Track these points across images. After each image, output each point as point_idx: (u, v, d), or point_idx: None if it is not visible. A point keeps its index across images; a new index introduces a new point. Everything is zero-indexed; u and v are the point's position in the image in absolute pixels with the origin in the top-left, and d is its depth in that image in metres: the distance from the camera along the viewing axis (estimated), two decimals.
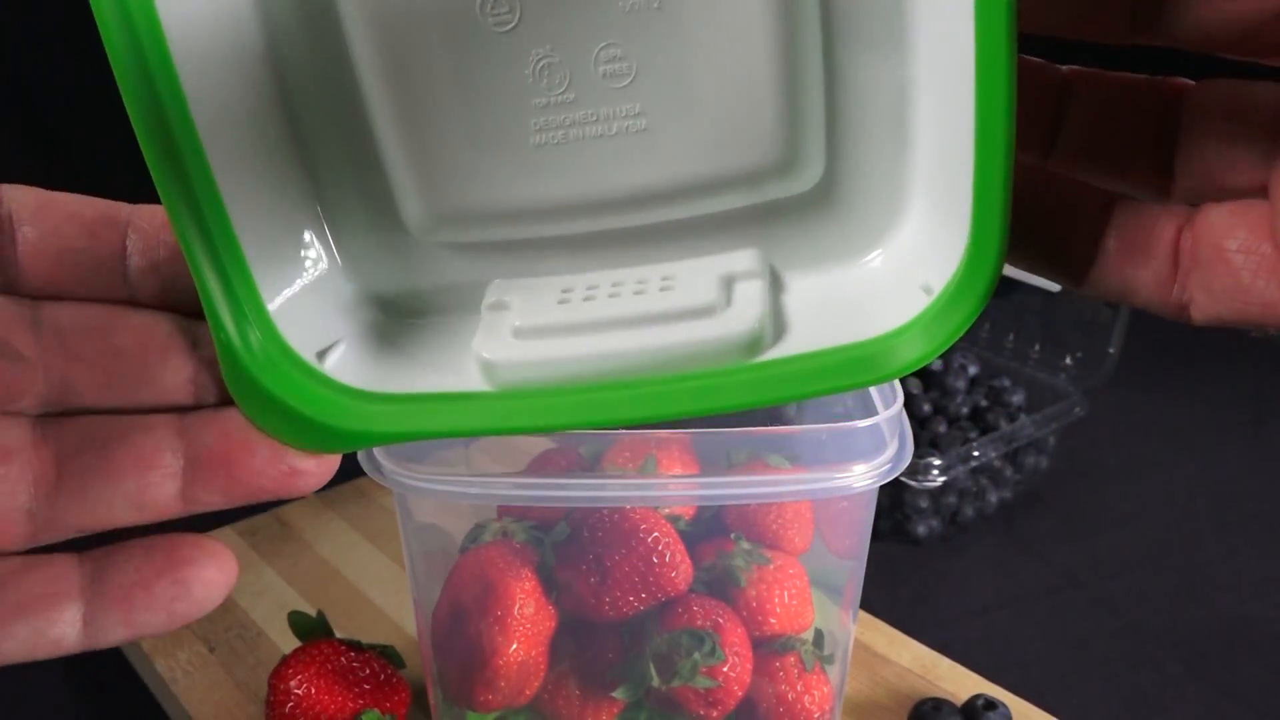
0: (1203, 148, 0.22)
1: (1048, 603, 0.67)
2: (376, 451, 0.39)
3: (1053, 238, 0.22)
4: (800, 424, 0.57)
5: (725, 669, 0.42)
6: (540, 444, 0.45)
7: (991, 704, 0.52)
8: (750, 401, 0.22)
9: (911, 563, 0.70)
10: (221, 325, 0.22)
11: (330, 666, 0.47)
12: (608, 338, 0.23)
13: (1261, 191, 0.21)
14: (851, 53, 0.23)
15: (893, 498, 0.70)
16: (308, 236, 0.25)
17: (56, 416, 0.22)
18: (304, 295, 0.24)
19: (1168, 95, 0.23)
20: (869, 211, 0.24)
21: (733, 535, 0.45)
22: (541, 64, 0.23)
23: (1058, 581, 0.69)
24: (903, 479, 0.66)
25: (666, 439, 0.42)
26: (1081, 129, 0.23)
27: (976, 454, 0.69)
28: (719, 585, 0.44)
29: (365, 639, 0.50)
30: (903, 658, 0.57)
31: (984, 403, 0.76)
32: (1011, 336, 0.82)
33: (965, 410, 0.76)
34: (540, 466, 0.43)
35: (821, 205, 0.24)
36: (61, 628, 0.21)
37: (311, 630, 0.49)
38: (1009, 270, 0.22)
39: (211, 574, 0.22)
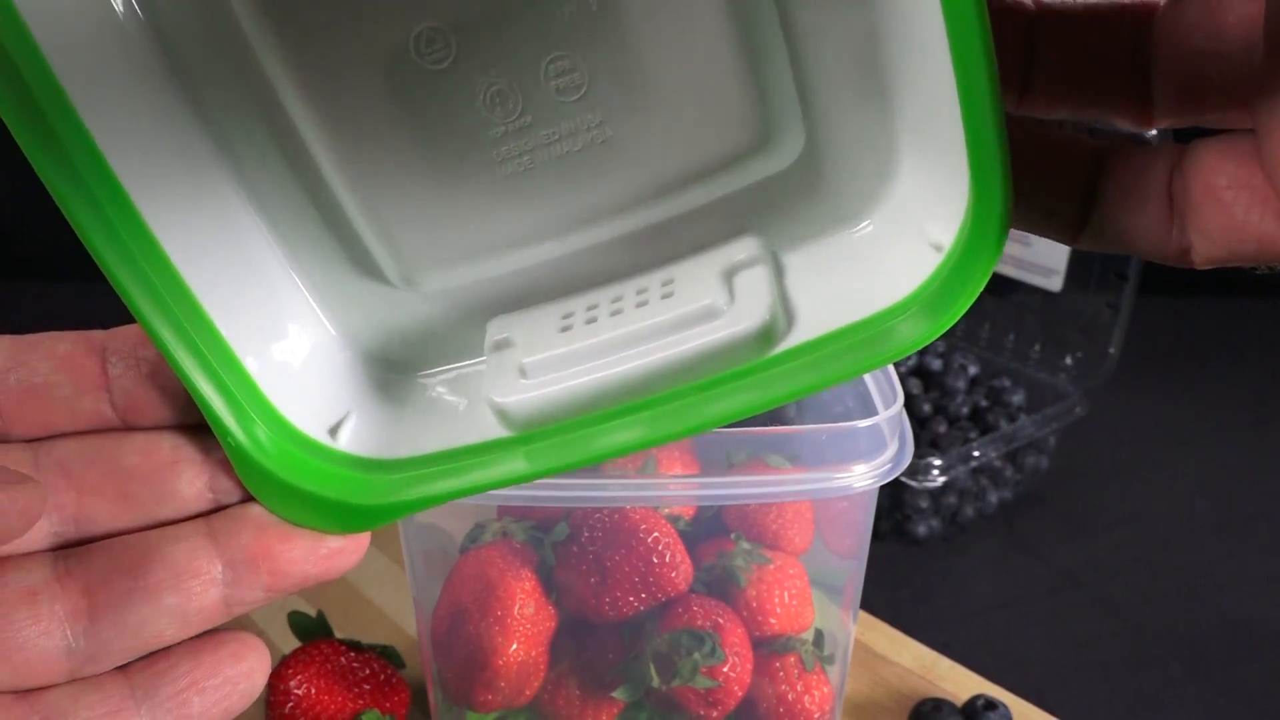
0: (1179, 69, 0.21)
1: (1048, 603, 0.67)
2: None
3: (1044, 192, 0.22)
4: (800, 424, 0.57)
5: (725, 669, 0.42)
6: None
7: (991, 704, 0.52)
8: (774, 399, 0.21)
9: (911, 563, 0.70)
10: (226, 429, 0.21)
11: (330, 666, 0.47)
12: (618, 359, 0.22)
13: (1244, 119, 0.20)
14: (809, 12, 0.21)
15: (893, 498, 0.70)
16: (294, 312, 0.24)
17: (76, 547, 0.22)
18: (303, 374, 0.23)
19: (1140, 17, 0.22)
20: (859, 176, 0.23)
21: (733, 535, 0.45)
22: (491, 92, 0.21)
23: (1058, 581, 0.69)
24: (903, 479, 0.66)
25: None
26: (1054, 63, 0.22)
27: (976, 454, 0.69)
28: (719, 585, 0.44)
29: (365, 639, 0.50)
30: (903, 658, 0.57)
31: (984, 403, 0.76)
32: (1011, 336, 0.82)
33: (965, 410, 0.76)
34: None
35: (810, 178, 0.23)
36: None
37: (311, 630, 0.49)
38: (1008, 270, 0.22)
39: (254, 666, 0.22)
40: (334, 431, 0.23)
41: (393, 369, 0.25)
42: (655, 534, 0.42)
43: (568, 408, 0.22)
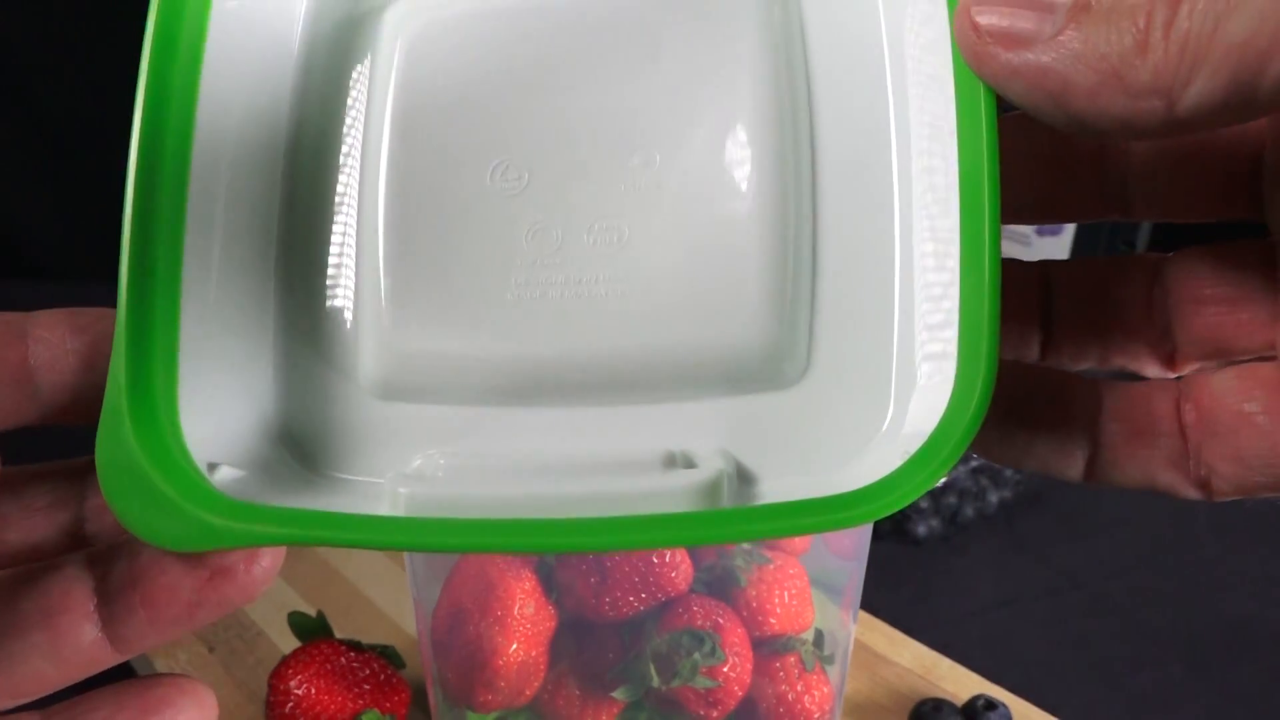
0: (1203, 316, 0.22)
1: (1048, 603, 0.67)
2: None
3: (1054, 437, 0.22)
4: None
5: (725, 669, 0.42)
6: None
7: (992, 704, 0.52)
8: (700, 539, 0.22)
9: (911, 563, 0.70)
10: (121, 389, 0.20)
11: (330, 666, 0.47)
12: (546, 482, 0.22)
13: (1266, 350, 0.21)
14: (839, 253, 0.23)
15: None
16: (250, 359, 0.23)
17: None
18: (220, 411, 0.22)
19: (1147, 269, 0.22)
20: (848, 409, 0.23)
21: None
22: (537, 228, 0.23)
23: (1058, 581, 0.69)
24: None
25: None
26: (1072, 314, 0.23)
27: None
28: (719, 585, 0.44)
29: (365, 639, 0.50)
30: (903, 658, 0.57)
31: None
32: None
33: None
34: None
35: (795, 408, 0.23)
36: None
37: (311, 630, 0.49)
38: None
39: (191, 715, 0.21)
40: (212, 469, 0.21)
41: (301, 458, 0.24)
42: None
43: (471, 505, 0.21)
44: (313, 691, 0.46)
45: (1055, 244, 0.76)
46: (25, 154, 1.01)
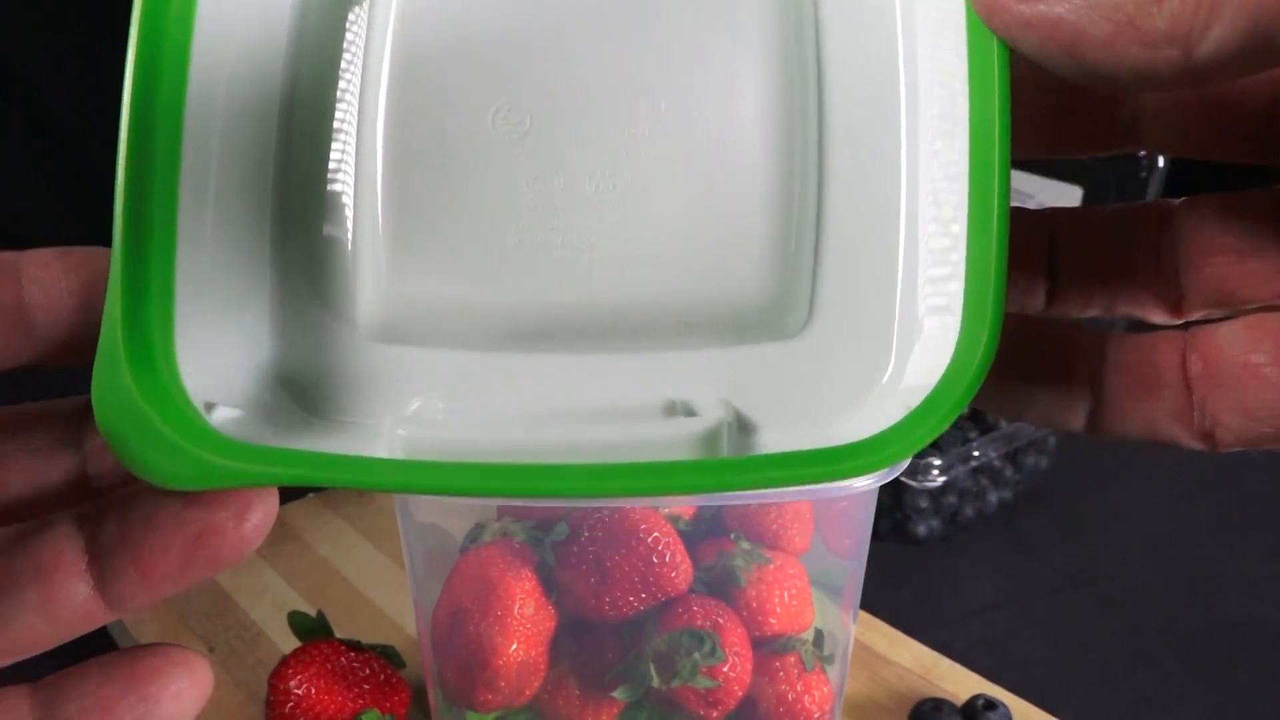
0: (1212, 265, 0.21)
1: (1048, 603, 0.67)
2: None
3: (1057, 389, 0.22)
4: None
5: (725, 669, 0.42)
6: None
7: (991, 704, 0.52)
8: (699, 488, 0.22)
9: (911, 563, 0.70)
10: (117, 327, 0.20)
11: (330, 666, 0.47)
12: (541, 427, 0.22)
13: (1275, 300, 0.20)
14: (844, 204, 0.23)
15: (893, 498, 0.70)
16: (247, 301, 0.23)
17: None
18: (217, 352, 0.22)
19: (1156, 217, 0.22)
20: (850, 359, 0.23)
21: (733, 535, 0.45)
22: (538, 174, 0.23)
23: (1058, 581, 0.69)
24: (903, 479, 0.66)
25: None
26: (1079, 263, 0.23)
27: (976, 454, 0.69)
28: (719, 585, 0.44)
29: (365, 639, 0.50)
30: (903, 658, 0.57)
31: None
32: None
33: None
34: None
35: (797, 357, 0.23)
36: None
37: (311, 630, 0.49)
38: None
39: (182, 686, 0.20)
40: (210, 408, 0.21)
41: (300, 401, 0.24)
42: (655, 534, 0.42)
43: (469, 450, 0.21)
44: (313, 691, 0.46)
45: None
46: (23, 147, 1.01)
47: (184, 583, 0.20)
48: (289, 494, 0.69)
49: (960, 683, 0.55)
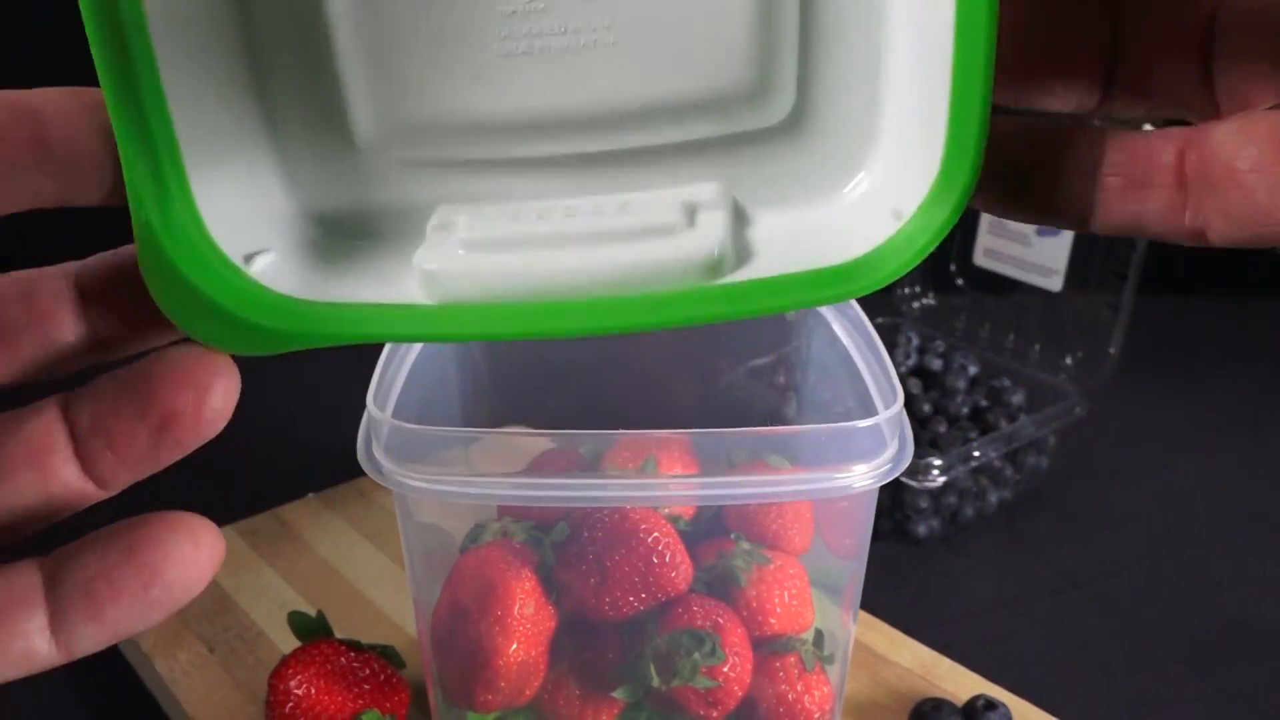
0: (1240, 58, 0.21)
1: (1048, 603, 0.67)
2: (376, 451, 0.39)
3: (1050, 184, 0.22)
4: (800, 424, 0.57)
5: (725, 669, 0.42)
6: (540, 444, 0.45)
7: (992, 704, 0.52)
8: (708, 315, 0.23)
9: (911, 563, 0.70)
10: (143, 202, 0.20)
11: (330, 666, 0.47)
12: (560, 253, 0.23)
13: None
14: None
15: (893, 498, 0.70)
16: (248, 140, 0.23)
17: None
18: (237, 198, 0.23)
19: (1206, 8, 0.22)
20: (839, 145, 0.24)
21: (733, 535, 0.45)
22: None
23: (1058, 581, 0.69)
24: (903, 479, 0.66)
25: (666, 439, 0.42)
26: (1133, 57, 0.22)
27: (976, 454, 0.69)
28: (719, 585, 0.44)
29: (365, 639, 0.50)
30: (903, 658, 0.57)
31: (984, 403, 0.76)
32: (1011, 336, 0.82)
33: (965, 410, 0.76)
34: (540, 466, 0.43)
35: (791, 138, 0.24)
36: (29, 640, 0.19)
37: (311, 630, 0.49)
38: (1009, 270, 0.22)
39: (187, 551, 0.20)
40: (249, 259, 0.22)
41: (327, 228, 0.25)
42: (655, 534, 0.42)
43: (496, 287, 0.23)
44: (313, 691, 0.46)
45: (1054, 245, 0.76)
46: None
47: (158, 464, 0.20)
48: (289, 494, 0.69)
49: (960, 683, 0.55)
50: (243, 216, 0.23)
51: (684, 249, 0.23)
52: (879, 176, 0.24)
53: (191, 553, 0.20)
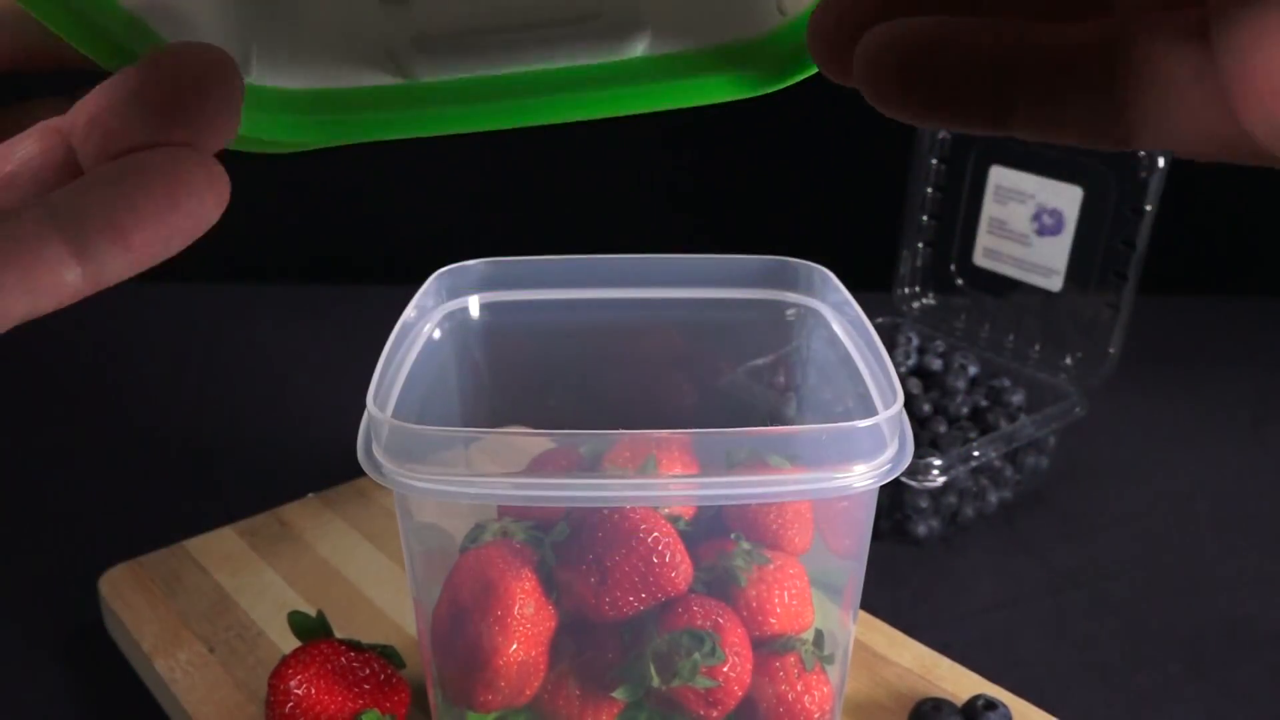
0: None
1: (1048, 603, 0.67)
2: (376, 451, 0.39)
3: (966, 95, 0.21)
4: (800, 424, 0.57)
5: (725, 669, 0.42)
6: (540, 444, 0.45)
7: (992, 704, 0.52)
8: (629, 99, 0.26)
9: (911, 563, 0.70)
10: None
11: (330, 666, 0.47)
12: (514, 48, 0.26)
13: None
14: None
15: (893, 498, 0.70)
16: None
17: None
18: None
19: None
20: None
21: (733, 535, 0.45)
22: None
23: (1058, 581, 0.69)
24: (903, 479, 0.66)
25: (666, 439, 0.42)
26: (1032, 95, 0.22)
27: (976, 454, 0.69)
28: (719, 585, 0.44)
29: (365, 639, 0.50)
30: (903, 658, 0.57)
31: (984, 403, 0.76)
32: (1011, 336, 0.82)
33: (965, 410, 0.76)
34: (540, 466, 0.43)
35: None
36: (53, 268, 0.19)
37: (311, 630, 0.49)
38: (1008, 270, 0.22)
39: (199, 177, 0.20)
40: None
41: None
42: (655, 534, 0.42)
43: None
44: (313, 691, 0.46)
45: (1054, 245, 0.76)
46: None
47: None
48: (289, 494, 0.69)
49: (960, 683, 0.55)
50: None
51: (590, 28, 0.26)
52: None
53: (204, 178, 0.20)
